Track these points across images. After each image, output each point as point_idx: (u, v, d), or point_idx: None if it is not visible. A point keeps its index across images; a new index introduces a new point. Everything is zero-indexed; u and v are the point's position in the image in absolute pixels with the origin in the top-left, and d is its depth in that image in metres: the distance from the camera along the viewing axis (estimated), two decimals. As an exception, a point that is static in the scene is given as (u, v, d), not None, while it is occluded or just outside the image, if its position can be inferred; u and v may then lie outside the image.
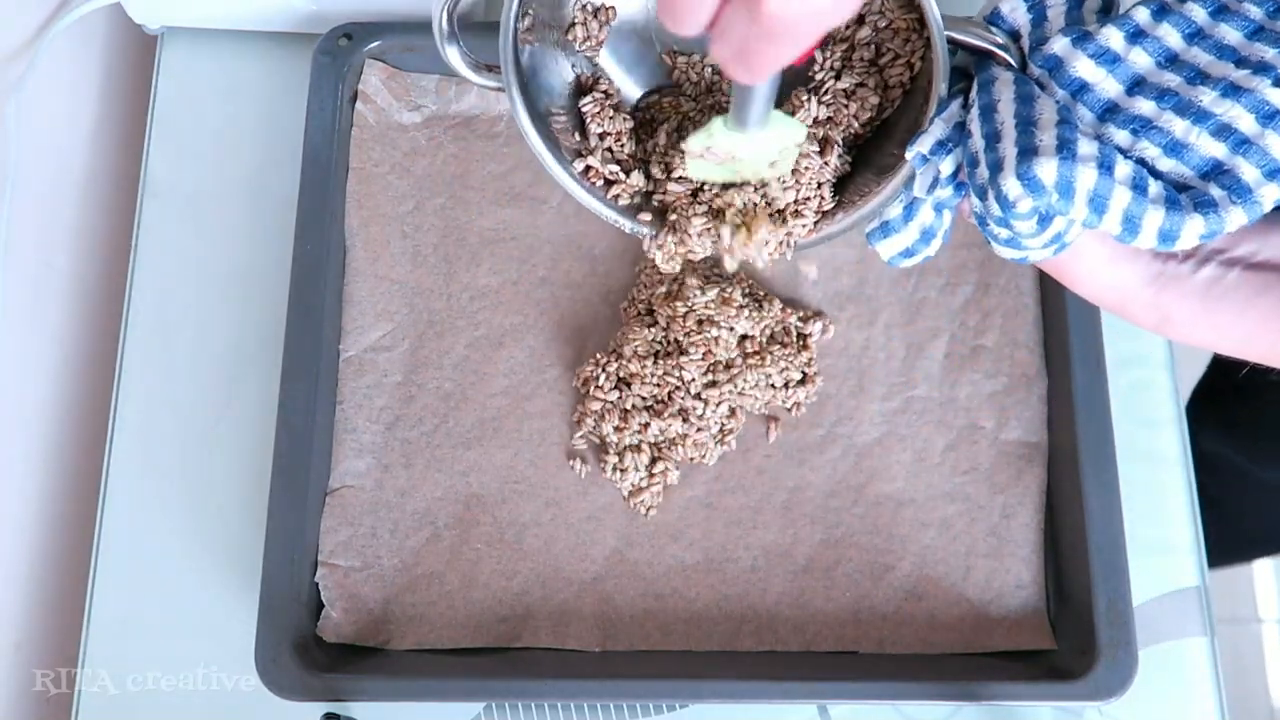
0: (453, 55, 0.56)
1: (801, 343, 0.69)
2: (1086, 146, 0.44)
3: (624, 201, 0.58)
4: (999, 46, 0.50)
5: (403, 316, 0.71)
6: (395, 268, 0.71)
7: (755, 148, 0.54)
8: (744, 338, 0.68)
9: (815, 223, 0.56)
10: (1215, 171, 0.44)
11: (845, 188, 0.58)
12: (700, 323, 0.67)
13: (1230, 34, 0.45)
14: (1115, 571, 0.62)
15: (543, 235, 0.72)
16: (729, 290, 0.68)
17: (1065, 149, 0.44)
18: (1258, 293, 0.45)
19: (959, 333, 0.70)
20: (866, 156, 0.59)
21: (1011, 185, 0.44)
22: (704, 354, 0.67)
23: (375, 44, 0.73)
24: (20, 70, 0.75)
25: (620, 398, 0.68)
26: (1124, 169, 0.44)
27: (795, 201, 0.56)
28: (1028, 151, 0.44)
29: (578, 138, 0.59)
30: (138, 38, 0.85)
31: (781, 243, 0.56)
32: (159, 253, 0.75)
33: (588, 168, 0.58)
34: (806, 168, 0.55)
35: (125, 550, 0.70)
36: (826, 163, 0.56)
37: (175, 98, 0.79)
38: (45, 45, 0.76)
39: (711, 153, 0.54)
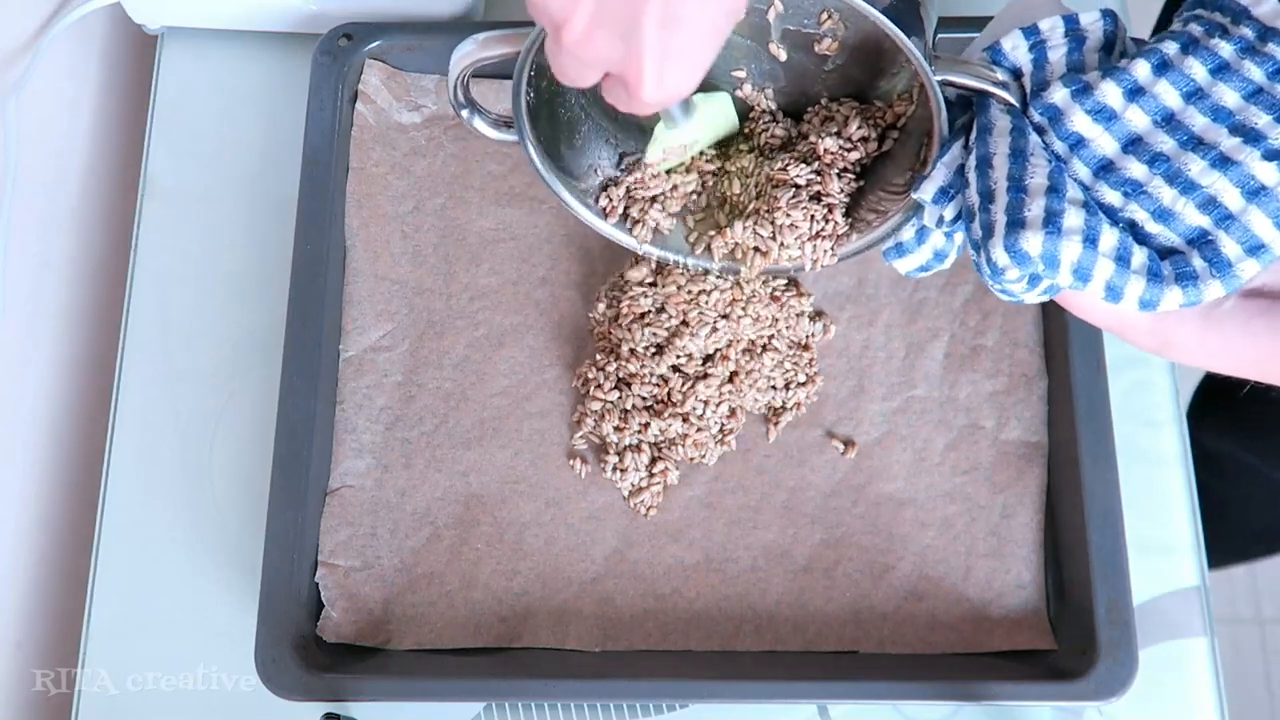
0: (478, 124, 0.60)
1: (802, 343, 0.69)
2: (1073, 218, 0.46)
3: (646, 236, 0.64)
4: (999, 85, 0.50)
5: (403, 316, 0.71)
6: (395, 268, 0.71)
7: (698, 132, 0.62)
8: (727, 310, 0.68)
9: (831, 247, 0.61)
10: (1200, 240, 0.45)
11: (858, 204, 0.60)
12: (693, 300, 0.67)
13: (1228, 95, 0.46)
14: (1115, 571, 0.62)
15: (543, 235, 0.72)
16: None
17: (1051, 222, 0.45)
18: (1252, 317, 0.47)
19: (959, 333, 0.70)
20: (878, 169, 0.60)
21: (1000, 255, 0.46)
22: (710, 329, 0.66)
23: (375, 44, 0.73)
24: (20, 70, 0.75)
25: (620, 398, 0.68)
26: (1109, 240, 0.46)
27: (812, 236, 0.61)
28: (1016, 224, 0.46)
29: (602, 175, 0.64)
30: (138, 38, 0.85)
31: (815, 259, 0.62)
32: (159, 253, 0.75)
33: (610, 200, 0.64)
34: (802, 218, 0.61)
35: (125, 550, 0.70)
36: (829, 193, 0.59)
37: (175, 98, 0.79)
38: (45, 45, 0.76)
39: (669, 153, 0.62)
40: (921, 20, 0.51)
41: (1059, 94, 0.48)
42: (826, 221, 0.60)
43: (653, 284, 0.68)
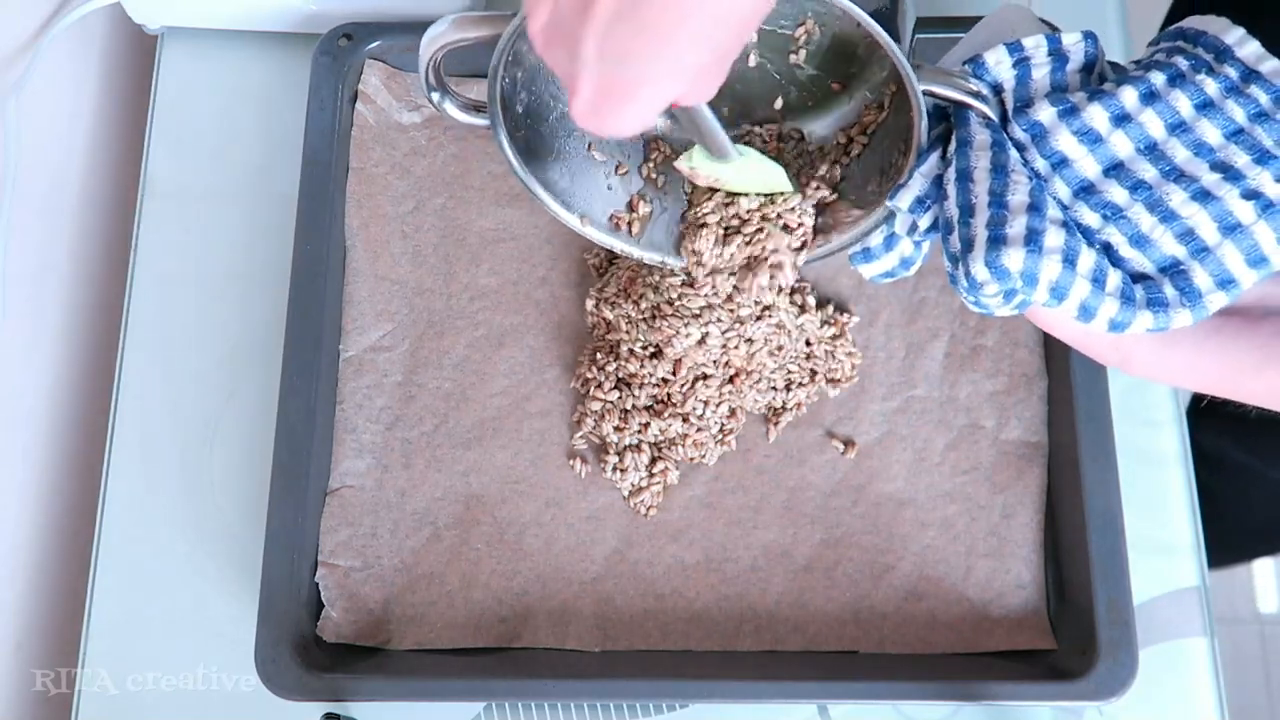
0: (446, 106, 0.59)
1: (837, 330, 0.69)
2: (1053, 238, 0.46)
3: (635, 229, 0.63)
4: (980, 99, 0.50)
5: (403, 316, 0.71)
6: (395, 268, 0.71)
7: (735, 178, 0.59)
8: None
9: (799, 249, 0.60)
10: (1173, 269, 0.47)
11: (827, 210, 0.60)
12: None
13: (1211, 132, 0.47)
14: (1115, 571, 0.62)
15: (543, 235, 0.72)
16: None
17: (1032, 240, 0.46)
18: (1207, 335, 0.48)
19: (959, 333, 0.70)
20: (848, 174, 0.61)
21: (979, 270, 0.47)
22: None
23: (375, 44, 0.73)
24: (20, 70, 0.75)
25: (620, 398, 0.68)
26: (1087, 261, 0.46)
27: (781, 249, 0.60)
28: (997, 240, 0.47)
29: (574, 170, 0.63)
30: (138, 38, 0.85)
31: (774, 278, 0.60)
32: (159, 253, 0.75)
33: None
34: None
35: (125, 550, 0.70)
36: (805, 195, 0.60)
37: (175, 98, 0.79)
38: (45, 45, 0.76)
39: (694, 173, 0.59)
40: (900, 31, 0.51)
41: (1045, 113, 0.49)
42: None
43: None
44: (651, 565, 0.66)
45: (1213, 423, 0.95)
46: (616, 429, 0.67)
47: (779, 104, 0.63)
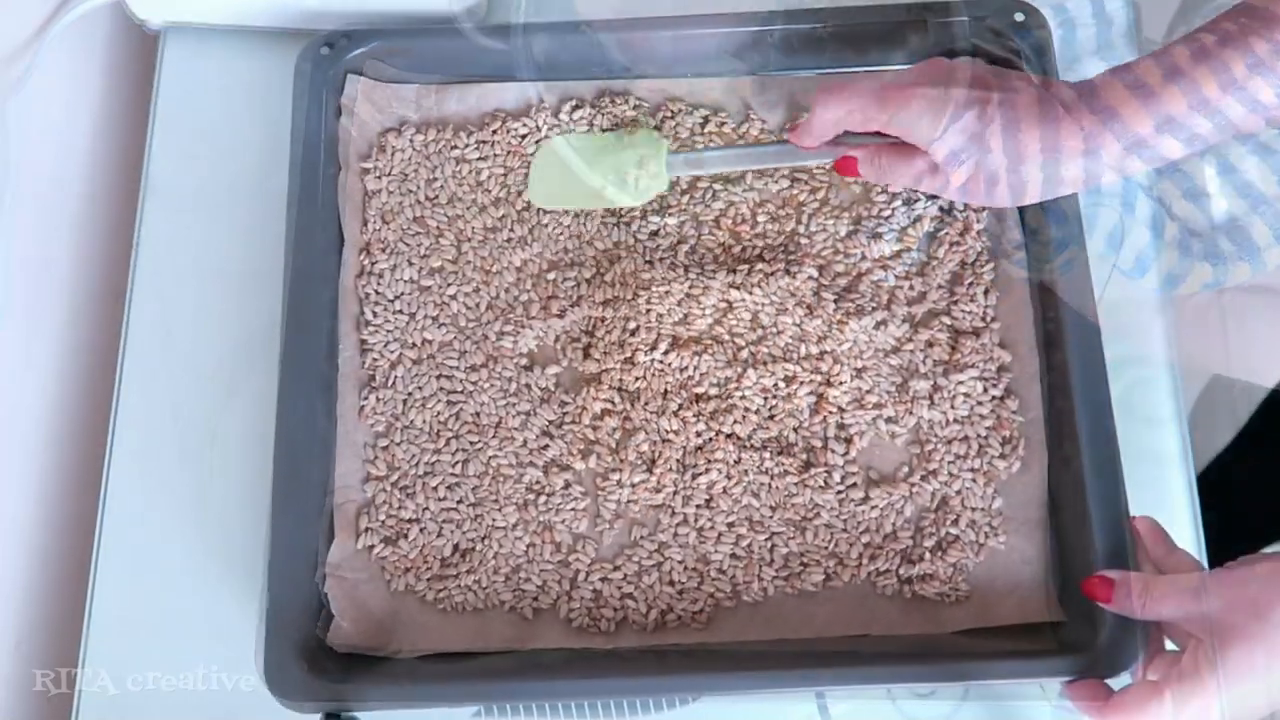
0: None
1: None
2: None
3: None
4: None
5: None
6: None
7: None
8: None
9: None
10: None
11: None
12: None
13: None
14: (1118, 569, 0.62)
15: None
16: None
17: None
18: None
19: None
20: None
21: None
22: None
23: (374, 44, 0.74)
24: (20, 70, 0.75)
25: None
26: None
27: None
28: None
29: None
30: (138, 36, 0.85)
31: None
32: (159, 253, 0.75)
33: None
34: None
35: (125, 550, 0.70)
36: None
37: (177, 96, 0.79)
38: (45, 45, 0.76)
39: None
40: None
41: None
42: None
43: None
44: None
45: (1212, 426, 0.95)
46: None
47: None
